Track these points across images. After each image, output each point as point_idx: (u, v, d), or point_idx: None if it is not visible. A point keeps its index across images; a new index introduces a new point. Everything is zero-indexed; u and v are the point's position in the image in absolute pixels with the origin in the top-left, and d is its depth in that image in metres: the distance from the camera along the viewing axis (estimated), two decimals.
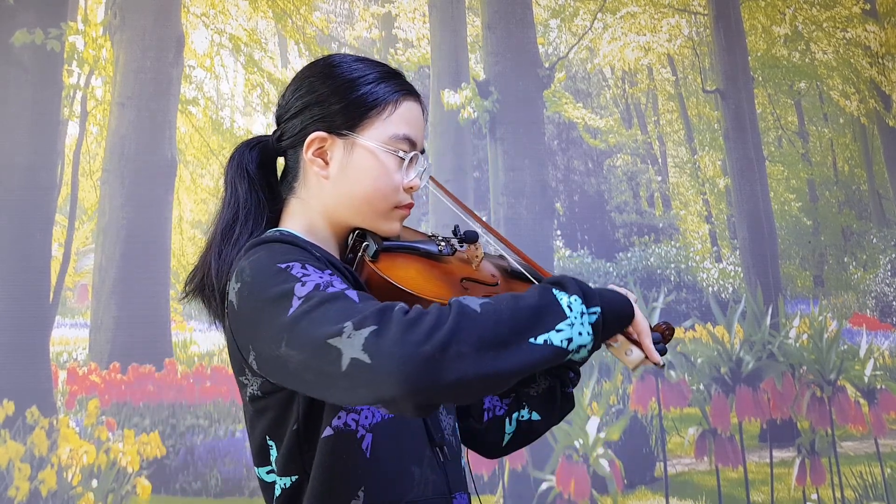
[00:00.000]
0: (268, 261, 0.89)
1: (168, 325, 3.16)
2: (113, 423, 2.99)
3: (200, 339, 3.19)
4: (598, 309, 0.84)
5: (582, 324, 0.82)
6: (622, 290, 0.93)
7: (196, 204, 3.41)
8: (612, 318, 0.87)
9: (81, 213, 3.30)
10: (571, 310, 0.82)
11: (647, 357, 0.90)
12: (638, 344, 0.91)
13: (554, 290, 0.84)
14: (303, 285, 0.83)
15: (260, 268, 0.89)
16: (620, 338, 0.91)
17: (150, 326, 3.14)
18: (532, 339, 0.79)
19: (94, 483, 2.90)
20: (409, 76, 1.07)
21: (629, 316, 0.90)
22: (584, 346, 0.83)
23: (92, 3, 3.44)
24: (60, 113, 3.28)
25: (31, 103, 3.26)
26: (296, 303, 0.81)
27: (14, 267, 3.09)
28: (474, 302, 0.80)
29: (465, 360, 0.74)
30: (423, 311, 0.77)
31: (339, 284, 0.84)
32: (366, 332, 0.75)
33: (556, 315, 0.81)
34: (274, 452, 0.98)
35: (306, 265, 0.87)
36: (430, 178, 1.11)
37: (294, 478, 0.96)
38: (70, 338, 3.13)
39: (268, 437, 0.98)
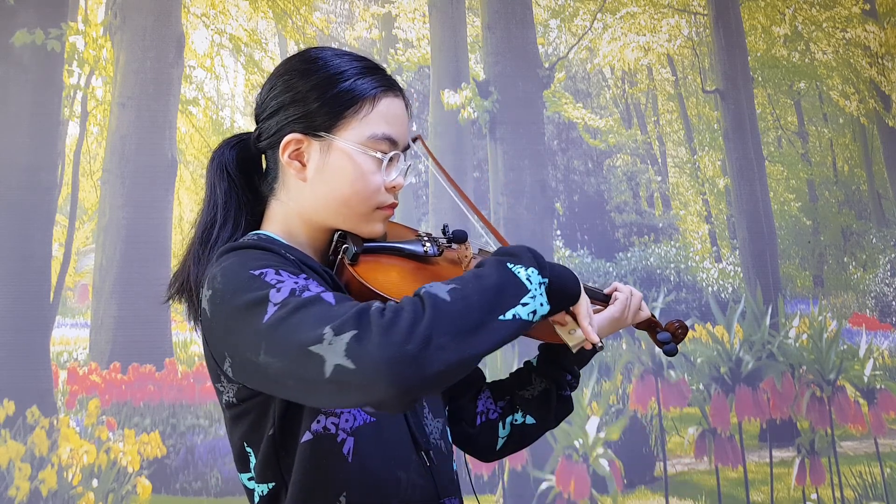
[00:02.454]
0: (240, 267, 0.86)
1: (168, 325, 3.16)
2: (113, 422, 2.99)
3: (201, 339, 3.19)
4: (547, 280, 0.88)
5: (541, 294, 0.85)
6: (570, 270, 0.96)
7: (196, 204, 3.40)
8: (559, 292, 0.90)
9: (82, 213, 3.31)
10: (531, 282, 0.85)
11: (585, 338, 0.93)
12: (576, 320, 0.94)
13: (509, 265, 0.86)
14: (278, 291, 0.81)
15: (231, 274, 0.86)
16: (567, 317, 0.95)
17: (151, 326, 3.14)
18: (501, 317, 0.81)
19: (95, 483, 2.91)
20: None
21: (576, 294, 0.93)
22: (544, 314, 0.86)
23: (92, 3, 3.44)
24: (61, 113, 3.28)
25: (32, 103, 3.26)
26: (271, 309, 0.80)
27: (14, 267, 3.09)
28: (442, 290, 0.80)
29: (446, 350, 0.75)
30: (398, 308, 0.77)
31: (314, 288, 0.82)
32: (346, 336, 0.74)
33: (519, 289, 0.84)
34: (253, 459, 0.96)
35: (280, 271, 0.84)
36: (438, 165, 1.07)
37: (271, 485, 0.94)
38: (70, 337, 3.14)
39: (246, 444, 0.96)
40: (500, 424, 1.18)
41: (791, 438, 3.25)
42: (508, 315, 0.81)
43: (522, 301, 0.83)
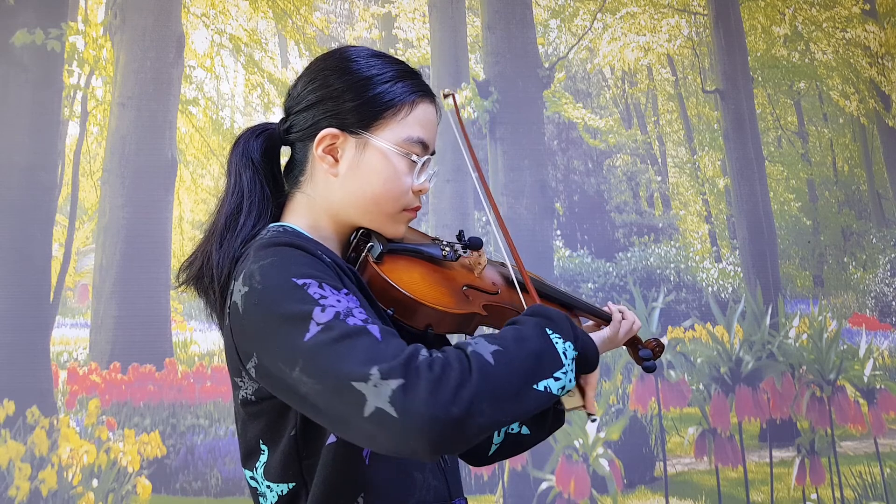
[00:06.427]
0: (281, 270, 0.86)
1: (168, 325, 3.16)
2: (113, 422, 2.99)
3: (201, 338, 3.19)
4: (577, 353, 0.90)
5: (572, 370, 0.87)
6: (592, 340, 0.95)
7: (196, 204, 3.41)
8: (583, 364, 0.91)
9: (82, 213, 3.31)
10: (566, 356, 0.87)
11: (584, 406, 0.94)
12: (582, 390, 0.94)
13: (548, 331, 0.87)
14: (322, 310, 0.81)
15: (272, 276, 0.86)
16: None
17: (151, 326, 3.14)
18: (535, 386, 0.83)
19: (95, 483, 2.91)
20: None
21: (593, 366, 0.93)
22: (569, 388, 0.88)
23: (92, 3, 3.44)
24: (61, 113, 3.28)
25: (32, 103, 3.26)
26: (314, 328, 0.80)
27: (14, 267, 3.09)
28: (487, 350, 0.81)
29: (484, 416, 0.77)
30: (445, 364, 0.78)
31: (358, 314, 0.82)
32: (393, 384, 0.75)
33: (555, 362, 0.85)
34: (264, 457, 0.95)
35: (323, 284, 0.84)
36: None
37: (291, 485, 0.93)
38: (70, 337, 3.14)
39: (261, 442, 0.95)
40: (496, 432, 1.18)
41: (791, 438, 3.25)
42: (541, 386, 0.83)
43: (555, 375, 0.85)
